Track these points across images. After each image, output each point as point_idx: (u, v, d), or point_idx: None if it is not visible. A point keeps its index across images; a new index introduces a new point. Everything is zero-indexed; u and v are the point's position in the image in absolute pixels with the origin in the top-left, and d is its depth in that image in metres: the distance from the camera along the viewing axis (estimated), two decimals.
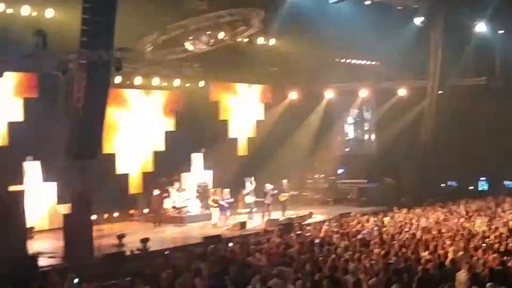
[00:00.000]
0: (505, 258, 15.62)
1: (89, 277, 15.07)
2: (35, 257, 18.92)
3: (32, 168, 25.91)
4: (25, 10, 22.43)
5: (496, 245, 17.63)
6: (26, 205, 20.38)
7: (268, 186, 28.52)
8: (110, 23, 19.36)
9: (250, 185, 28.83)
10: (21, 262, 17.91)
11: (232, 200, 28.38)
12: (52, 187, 26.33)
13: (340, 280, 14.01)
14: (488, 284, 12.70)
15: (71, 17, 20.89)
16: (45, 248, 21.70)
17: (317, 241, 20.09)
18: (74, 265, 18.06)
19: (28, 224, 21.56)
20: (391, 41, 32.23)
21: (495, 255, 15.92)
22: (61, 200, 25.50)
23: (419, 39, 32.91)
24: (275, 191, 28.94)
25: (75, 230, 20.48)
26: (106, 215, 27.94)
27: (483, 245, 17.87)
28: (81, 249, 20.10)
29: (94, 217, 22.81)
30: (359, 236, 20.48)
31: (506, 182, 38.18)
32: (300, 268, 15.43)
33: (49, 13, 22.55)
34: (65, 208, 22.50)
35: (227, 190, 27.84)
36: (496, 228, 21.01)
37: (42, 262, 19.17)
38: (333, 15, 28.68)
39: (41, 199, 25.83)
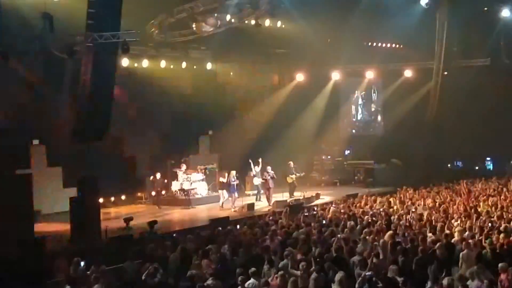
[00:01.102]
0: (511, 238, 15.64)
1: (96, 260, 15.14)
2: (41, 241, 18.96)
3: (38, 152, 26.00)
4: None
5: (502, 225, 17.64)
6: (33, 188, 20.48)
7: (270, 170, 28.47)
8: (117, 6, 19.38)
9: (257, 167, 28.83)
10: (28, 246, 17.99)
11: (238, 182, 28.37)
12: (58, 171, 26.41)
13: (346, 261, 14.10)
14: (500, 264, 12.74)
15: (78, 0, 20.84)
16: (52, 232, 21.83)
17: (324, 222, 20.17)
18: (81, 248, 18.15)
19: (35, 208, 21.61)
20: (398, 23, 32.16)
21: (501, 235, 15.93)
22: (67, 183, 25.57)
23: (425, 21, 32.79)
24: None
25: (82, 213, 20.56)
26: (113, 198, 28.04)
27: (489, 224, 17.90)
28: (88, 232, 20.19)
29: (101, 200, 22.88)
30: (366, 217, 20.52)
31: None
32: (308, 249, 15.48)
33: None
34: (71, 191, 22.54)
35: (234, 172, 27.78)
36: (502, 208, 21.02)
37: (49, 246, 19.15)
38: None
39: (47, 183, 25.91)
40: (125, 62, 26.00)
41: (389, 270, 13.11)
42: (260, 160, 28.84)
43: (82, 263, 15.29)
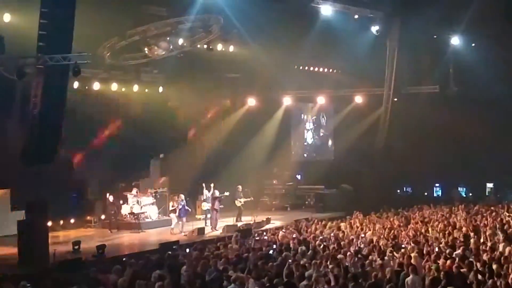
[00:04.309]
0: (459, 263, 15.85)
1: (43, 284, 14.89)
2: None
3: None
4: None
5: (449, 250, 17.87)
6: None
7: (217, 193, 28.48)
8: (68, 28, 19.22)
9: (207, 191, 28.76)
10: None
11: (186, 205, 28.12)
12: (6, 193, 25.98)
13: (296, 286, 14.11)
14: None
15: (29, 21, 20.61)
16: None
17: (274, 246, 20.18)
18: (28, 272, 17.85)
19: None
20: (349, 49, 32.59)
21: (448, 260, 16.14)
22: (15, 206, 25.15)
23: (375, 48, 33.28)
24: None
25: (29, 237, 20.24)
26: (62, 222, 27.66)
27: (436, 250, 18.13)
28: (35, 256, 19.89)
29: (49, 223, 22.56)
30: (317, 242, 20.59)
31: (459, 189, 38.88)
32: (258, 274, 15.46)
33: (6, 17, 22.22)
34: (19, 215, 22.17)
35: (182, 196, 27.75)
36: (449, 234, 21.31)
37: None
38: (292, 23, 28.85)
39: None
40: (75, 84, 25.82)
41: None
42: (212, 185, 28.74)
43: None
